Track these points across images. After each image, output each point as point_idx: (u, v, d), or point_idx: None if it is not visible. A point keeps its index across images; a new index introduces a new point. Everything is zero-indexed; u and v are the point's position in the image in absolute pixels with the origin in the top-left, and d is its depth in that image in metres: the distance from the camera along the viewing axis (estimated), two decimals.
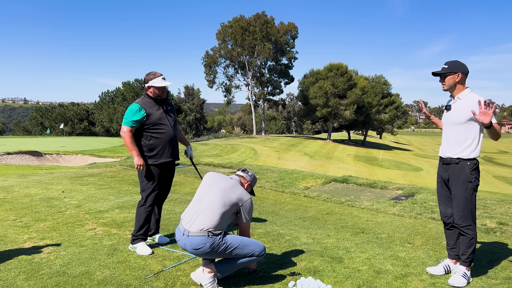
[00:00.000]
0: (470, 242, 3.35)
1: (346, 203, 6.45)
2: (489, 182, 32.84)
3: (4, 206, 5.84)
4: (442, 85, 3.40)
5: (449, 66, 3.33)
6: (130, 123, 3.93)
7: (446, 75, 3.34)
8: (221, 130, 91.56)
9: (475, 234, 3.36)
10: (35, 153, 18.95)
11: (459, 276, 3.34)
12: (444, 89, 3.40)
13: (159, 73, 4.07)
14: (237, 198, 3.21)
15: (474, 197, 3.35)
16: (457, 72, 3.30)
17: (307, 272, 3.51)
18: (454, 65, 3.33)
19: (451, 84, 3.34)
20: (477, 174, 3.36)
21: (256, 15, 52.17)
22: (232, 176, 3.44)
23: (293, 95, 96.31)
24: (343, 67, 54.35)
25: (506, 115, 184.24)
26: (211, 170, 10.31)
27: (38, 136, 47.46)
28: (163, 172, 4.12)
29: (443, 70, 3.35)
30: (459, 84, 3.34)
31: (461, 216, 3.35)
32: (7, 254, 3.83)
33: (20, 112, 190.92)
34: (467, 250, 3.36)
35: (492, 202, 6.55)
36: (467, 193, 3.33)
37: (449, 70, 3.32)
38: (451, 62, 3.35)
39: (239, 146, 37.28)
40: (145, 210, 4.05)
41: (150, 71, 4.11)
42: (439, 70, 3.38)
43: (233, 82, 57.00)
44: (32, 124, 67.88)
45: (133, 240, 4.04)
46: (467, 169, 3.32)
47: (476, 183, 3.35)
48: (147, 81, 4.04)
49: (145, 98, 4.07)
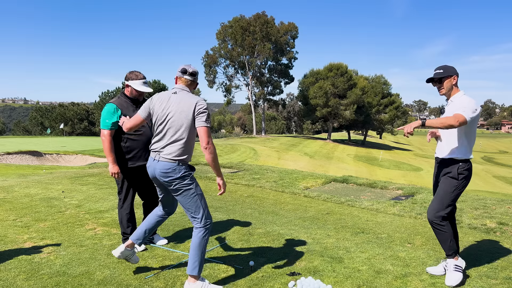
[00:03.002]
0: (444, 235, 3.38)
1: (346, 203, 6.45)
2: (489, 182, 32.87)
3: (4, 206, 5.84)
4: (440, 89, 3.42)
5: (444, 70, 3.38)
6: (110, 125, 3.76)
7: (444, 79, 3.38)
8: (221, 130, 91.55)
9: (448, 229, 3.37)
10: (35, 153, 18.95)
11: (452, 271, 3.36)
12: (443, 93, 3.42)
13: (142, 75, 3.92)
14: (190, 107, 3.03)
15: (455, 196, 3.36)
16: (453, 75, 3.36)
17: (307, 272, 3.51)
18: (449, 69, 3.38)
19: (449, 87, 3.39)
20: (466, 175, 3.37)
21: (256, 15, 52.17)
22: (175, 89, 3.18)
23: (293, 95, 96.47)
24: (343, 67, 54.38)
25: (506, 115, 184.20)
26: (211, 170, 10.31)
27: (38, 136, 47.47)
28: (142, 175, 3.98)
29: (440, 75, 3.38)
30: (454, 86, 3.40)
31: (435, 210, 3.38)
32: (7, 254, 3.83)
33: (20, 112, 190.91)
34: (444, 244, 3.40)
35: (492, 202, 6.55)
36: (449, 188, 3.36)
37: (446, 74, 3.36)
38: (444, 66, 3.40)
39: (239, 146, 37.28)
40: (125, 212, 3.99)
41: (133, 70, 3.94)
42: (434, 76, 3.40)
43: (233, 82, 57.03)
44: (32, 124, 67.90)
45: (124, 240, 4.05)
46: (457, 169, 3.36)
47: (463, 183, 3.36)
48: (128, 79, 3.89)
49: (122, 98, 3.93)
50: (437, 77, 3.39)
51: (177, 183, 3.08)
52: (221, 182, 3.21)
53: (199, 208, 3.13)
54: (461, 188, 3.37)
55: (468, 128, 3.34)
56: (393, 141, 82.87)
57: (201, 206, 3.14)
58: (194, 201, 3.12)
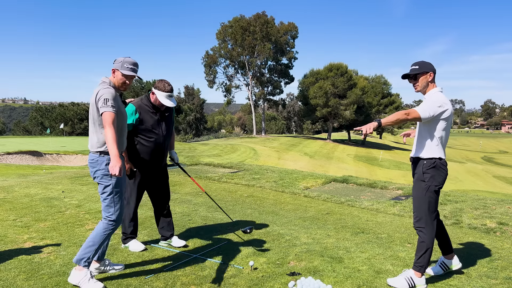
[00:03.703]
0: (421, 245, 3.25)
1: (346, 203, 6.46)
2: (489, 182, 32.86)
3: (4, 206, 5.84)
4: (415, 86, 3.29)
5: (420, 66, 3.24)
6: None
7: (419, 75, 3.25)
8: (221, 130, 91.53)
9: (429, 239, 3.23)
10: (35, 153, 18.94)
11: (402, 277, 3.25)
12: (418, 90, 3.29)
13: (170, 87, 3.83)
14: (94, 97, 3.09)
15: (428, 198, 3.23)
16: (429, 71, 3.24)
17: (307, 272, 3.51)
18: (425, 65, 3.25)
19: (424, 84, 3.26)
20: (433, 174, 3.22)
21: (256, 15, 52.19)
22: None
23: (293, 95, 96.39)
24: (343, 67, 54.38)
25: (506, 115, 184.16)
26: (211, 170, 10.31)
27: (38, 136, 47.47)
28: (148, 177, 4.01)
29: (415, 71, 3.25)
30: (430, 83, 3.27)
31: (415, 217, 3.31)
32: (7, 254, 3.83)
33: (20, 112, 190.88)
34: (418, 253, 3.26)
35: (492, 202, 6.55)
36: (420, 192, 3.26)
37: (421, 70, 3.23)
38: (420, 62, 3.27)
39: (239, 146, 37.29)
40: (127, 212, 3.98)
41: (164, 79, 3.86)
42: (410, 72, 3.28)
43: (233, 82, 57.06)
44: (32, 124, 67.88)
45: (124, 239, 4.06)
46: (422, 167, 3.26)
47: (432, 183, 3.22)
48: (155, 87, 3.82)
49: (144, 101, 3.87)
50: (412, 73, 3.27)
51: (98, 175, 3.15)
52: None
53: (111, 205, 3.17)
54: (432, 190, 3.22)
55: (433, 126, 3.19)
56: (393, 141, 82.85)
57: (113, 204, 3.17)
58: (108, 197, 3.16)
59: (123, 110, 3.29)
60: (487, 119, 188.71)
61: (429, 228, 3.25)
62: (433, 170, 3.23)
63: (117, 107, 3.11)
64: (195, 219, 5.33)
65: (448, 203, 6.38)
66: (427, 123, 3.21)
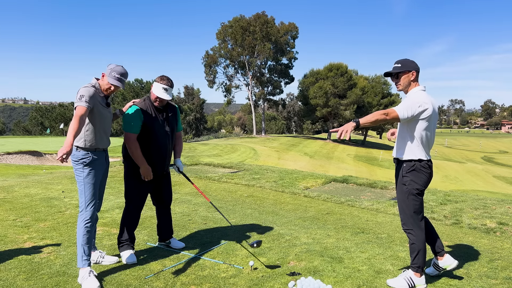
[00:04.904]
0: (412, 247, 3.24)
1: (346, 203, 6.46)
2: (489, 182, 32.86)
3: (4, 206, 5.84)
4: (397, 85, 3.24)
5: (402, 65, 3.19)
6: (135, 128, 3.63)
7: (400, 74, 3.20)
8: (221, 130, 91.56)
9: (419, 240, 3.21)
10: (35, 153, 18.95)
11: (402, 278, 3.25)
12: (400, 89, 3.24)
13: (166, 81, 3.69)
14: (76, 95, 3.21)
15: (411, 201, 3.19)
16: (412, 70, 3.18)
17: (307, 272, 3.51)
18: (407, 63, 3.19)
19: (406, 83, 3.20)
20: (414, 177, 3.17)
21: (256, 15, 52.23)
22: None
23: (293, 95, 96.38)
24: (343, 67, 54.44)
25: (506, 115, 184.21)
26: (211, 170, 10.31)
27: (38, 136, 47.46)
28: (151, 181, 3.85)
29: (397, 69, 3.19)
30: (413, 82, 3.21)
31: (401, 220, 3.30)
32: (7, 254, 3.83)
33: (20, 112, 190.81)
34: (411, 254, 3.26)
35: (492, 202, 6.55)
36: (402, 195, 3.24)
37: (403, 69, 3.17)
38: (403, 60, 3.21)
39: (239, 146, 37.30)
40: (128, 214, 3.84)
41: (163, 75, 3.76)
42: (392, 70, 3.23)
43: (233, 82, 57.10)
44: (32, 124, 67.90)
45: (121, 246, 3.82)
46: (402, 170, 3.23)
47: (413, 186, 3.17)
48: (154, 81, 3.73)
49: (147, 102, 3.75)
50: (394, 71, 3.21)
51: (74, 168, 3.32)
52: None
53: (82, 195, 3.31)
54: (414, 193, 3.18)
55: (412, 126, 3.14)
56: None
57: (84, 194, 3.30)
58: (80, 187, 3.31)
59: (102, 111, 3.34)
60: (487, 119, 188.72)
61: (417, 230, 3.23)
62: (413, 173, 3.19)
63: (93, 105, 3.20)
64: (195, 219, 5.33)
65: (448, 203, 6.38)
66: (407, 123, 3.16)
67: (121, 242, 3.83)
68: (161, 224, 4.16)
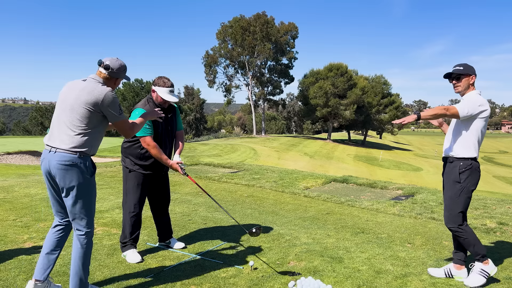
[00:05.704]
0: (466, 242, 3.30)
1: (346, 203, 6.45)
2: (489, 182, 32.83)
3: (4, 206, 5.84)
4: (456, 86, 3.33)
5: (464, 68, 3.29)
6: (149, 130, 3.66)
7: (462, 76, 3.30)
8: (221, 130, 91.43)
9: (469, 233, 3.29)
10: (35, 153, 18.93)
11: (476, 273, 3.29)
12: (458, 90, 3.33)
13: (170, 82, 3.75)
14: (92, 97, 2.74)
15: (462, 199, 3.26)
16: (472, 74, 3.30)
17: (307, 272, 3.51)
18: (469, 67, 3.30)
19: (465, 85, 3.31)
20: (469, 175, 3.26)
21: (256, 15, 52.18)
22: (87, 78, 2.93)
23: (293, 95, 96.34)
24: (343, 67, 54.41)
25: (506, 115, 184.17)
26: (211, 170, 10.31)
27: (38, 136, 47.46)
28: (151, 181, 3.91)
29: (460, 71, 3.29)
30: (471, 85, 3.33)
31: (446, 217, 3.34)
32: (7, 254, 3.83)
33: (20, 112, 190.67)
34: (469, 247, 3.32)
35: (492, 202, 6.55)
36: (454, 194, 3.28)
37: (465, 72, 3.28)
38: (464, 64, 3.32)
39: (239, 146, 37.29)
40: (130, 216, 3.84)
41: (163, 76, 3.78)
42: (454, 71, 3.32)
43: (233, 82, 57.04)
44: (32, 124, 67.85)
45: (123, 247, 3.84)
46: (458, 168, 3.28)
47: (467, 185, 3.25)
48: (155, 84, 3.74)
49: (150, 103, 3.76)
50: (456, 73, 3.31)
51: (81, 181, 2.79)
52: None
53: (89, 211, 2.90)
54: (467, 191, 3.26)
55: (471, 124, 3.24)
56: (393, 141, 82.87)
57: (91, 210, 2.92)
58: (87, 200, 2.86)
59: None
60: None
61: (464, 226, 3.31)
62: (470, 171, 3.27)
63: None
64: (195, 219, 5.33)
65: None
66: (465, 121, 3.25)
67: (124, 243, 3.85)
68: (159, 225, 4.15)
